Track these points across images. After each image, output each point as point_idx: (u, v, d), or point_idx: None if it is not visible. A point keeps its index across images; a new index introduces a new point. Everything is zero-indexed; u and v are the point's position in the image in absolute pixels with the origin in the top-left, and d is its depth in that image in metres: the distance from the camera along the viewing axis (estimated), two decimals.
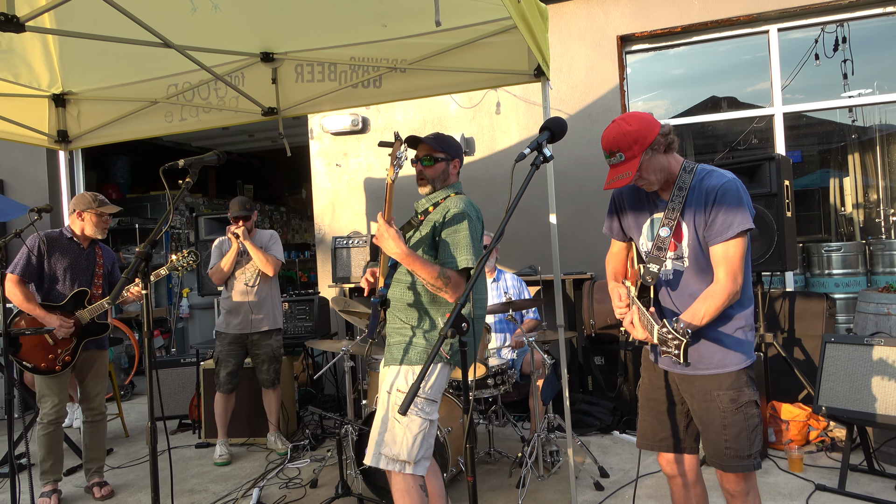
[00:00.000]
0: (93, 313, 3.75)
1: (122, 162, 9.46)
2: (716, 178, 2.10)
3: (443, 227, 2.54)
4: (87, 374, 3.91)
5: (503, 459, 4.12)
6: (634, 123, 2.08)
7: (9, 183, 7.58)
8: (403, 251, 2.41)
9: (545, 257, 5.07)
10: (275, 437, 4.68)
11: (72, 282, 3.77)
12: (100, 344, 3.93)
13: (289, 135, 4.61)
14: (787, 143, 5.46)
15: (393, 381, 2.52)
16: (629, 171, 2.05)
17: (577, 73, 5.73)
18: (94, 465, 3.95)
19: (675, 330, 1.87)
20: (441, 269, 2.46)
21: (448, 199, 2.64)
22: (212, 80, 4.09)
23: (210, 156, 2.36)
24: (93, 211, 3.76)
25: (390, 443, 2.46)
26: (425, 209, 2.67)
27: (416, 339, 2.54)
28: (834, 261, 5.32)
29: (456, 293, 2.47)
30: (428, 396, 2.49)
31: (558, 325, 3.48)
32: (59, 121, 4.40)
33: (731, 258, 2.04)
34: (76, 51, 3.78)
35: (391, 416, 2.48)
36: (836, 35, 5.46)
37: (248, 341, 4.57)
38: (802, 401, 4.32)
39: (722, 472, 2.18)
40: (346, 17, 3.46)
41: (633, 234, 2.35)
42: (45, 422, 3.71)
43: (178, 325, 8.28)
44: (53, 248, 3.74)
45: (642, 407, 2.41)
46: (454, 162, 2.71)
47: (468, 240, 2.50)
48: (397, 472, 2.45)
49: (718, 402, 2.13)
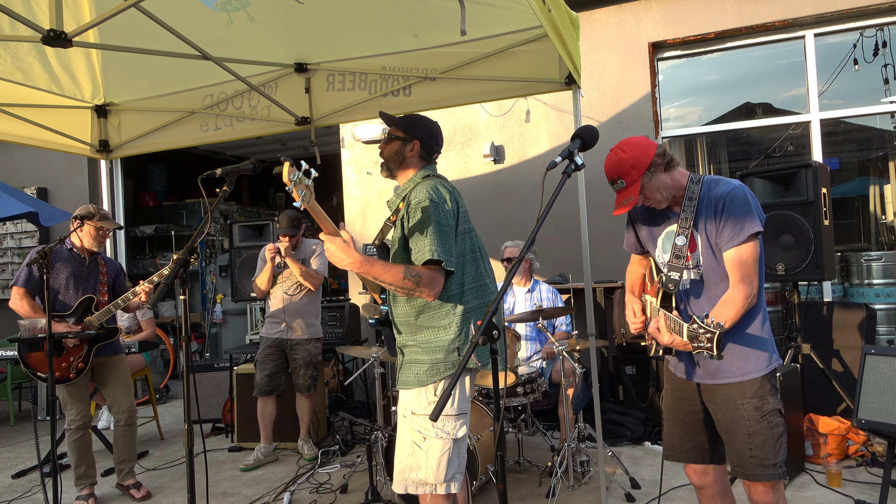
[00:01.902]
0: (101, 318, 3.78)
1: (159, 170, 9.71)
2: (723, 186, 2.16)
3: (408, 222, 2.28)
4: (107, 380, 3.94)
5: (533, 468, 4.10)
6: (629, 150, 2.16)
7: (52, 190, 7.84)
8: (356, 259, 2.16)
9: (576, 265, 5.05)
10: (304, 441, 4.73)
11: (75, 290, 3.79)
12: (114, 349, 3.96)
13: (321, 143, 4.68)
14: (824, 150, 5.35)
15: (406, 404, 2.34)
16: (632, 196, 2.14)
17: (609, 81, 5.70)
18: (126, 465, 4.01)
19: (705, 324, 1.87)
20: (405, 267, 2.19)
21: (414, 188, 2.35)
22: (246, 91, 4.18)
23: (246, 164, 2.41)
24: (91, 223, 3.78)
25: (415, 468, 2.29)
26: (396, 207, 2.41)
27: (420, 356, 2.33)
28: (874, 270, 5.17)
29: (432, 290, 2.22)
30: (447, 413, 2.28)
31: (589, 333, 3.46)
32: (101, 131, 4.54)
33: (745, 262, 2.07)
34: (118, 64, 3.91)
35: (410, 442, 2.31)
36: (876, 39, 5.33)
37: (286, 346, 4.66)
38: (841, 414, 4.21)
39: (749, 483, 2.18)
40: (378, 27, 3.51)
41: (648, 248, 2.39)
42: (72, 428, 3.79)
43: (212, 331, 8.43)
44: (54, 260, 3.75)
45: (667, 418, 2.42)
46: (413, 143, 2.41)
47: (432, 228, 2.21)
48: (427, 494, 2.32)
49: (742, 410, 2.14)
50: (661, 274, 2.26)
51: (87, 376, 3.83)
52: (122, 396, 3.95)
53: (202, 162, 9.63)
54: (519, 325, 4.39)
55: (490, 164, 6.08)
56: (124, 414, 3.94)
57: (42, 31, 2.51)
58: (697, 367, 2.25)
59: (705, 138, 6.03)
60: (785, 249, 4.11)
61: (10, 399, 6.34)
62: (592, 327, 3.44)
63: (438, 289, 2.25)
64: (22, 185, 7.65)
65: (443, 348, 2.29)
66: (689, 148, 6.08)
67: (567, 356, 3.81)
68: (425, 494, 2.31)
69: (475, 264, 2.39)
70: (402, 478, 2.32)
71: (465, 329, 2.31)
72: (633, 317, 2.38)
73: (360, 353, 4.17)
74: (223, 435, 5.44)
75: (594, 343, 3.45)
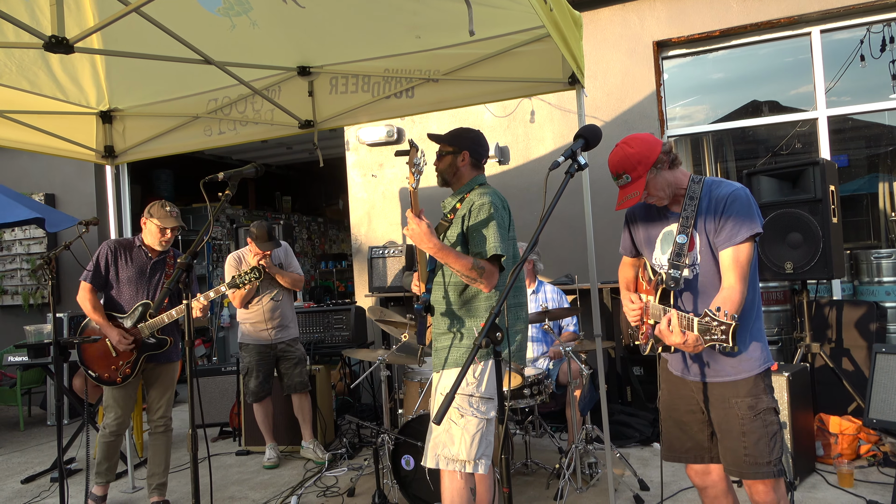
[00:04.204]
0: (151, 328, 3.67)
1: (165, 175, 9.75)
2: (726, 187, 2.19)
3: (470, 220, 2.57)
4: (151, 385, 3.83)
5: (540, 471, 4.07)
6: (636, 145, 2.18)
7: (59, 196, 7.88)
8: (436, 245, 2.43)
9: (582, 266, 5.02)
10: (312, 445, 4.71)
11: (136, 291, 3.72)
12: (167, 357, 3.82)
13: (325, 147, 4.68)
14: (832, 147, 5.31)
15: (446, 384, 2.54)
16: (637, 191, 2.16)
17: (613, 80, 5.68)
18: (155, 480, 3.81)
19: (718, 317, 1.85)
20: (474, 259, 2.48)
21: (472, 192, 2.66)
22: (250, 95, 4.19)
23: (248, 168, 2.42)
24: (153, 220, 3.68)
25: (448, 444, 2.49)
26: (453, 207, 2.70)
27: (461, 341, 2.58)
28: (884, 268, 5.12)
29: (490, 282, 2.50)
30: (483, 395, 2.50)
31: (595, 334, 3.43)
32: (106, 136, 4.55)
33: (740, 262, 2.09)
34: (122, 69, 3.92)
35: (448, 417, 2.48)
36: (884, 35, 5.29)
37: (275, 350, 4.66)
38: (852, 413, 4.16)
39: (749, 483, 2.18)
40: (380, 29, 3.51)
41: (644, 250, 2.42)
42: (106, 431, 3.73)
43: (220, 335, 8.45)
44: (120, 256, 3.71)
45: (664, 419, 2.44)
46: (462, 154, 2.70)
47: (495, 228, 2.52)
48: (452, 472, 2.49)
49: (736, 409, 2.16)
50: (660, 273, 2.27)
51: (135, 382, 3.75)
52: (161, 404, 3.82)
53: (208, 166, 9.65)
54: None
55: (495, 166, 6.06)
56: (159, 422, 3.81)
57: (44, 38, 2.51)
58: (694, 365, 2.26)
59: (712, 137, 6.00)
60: (793, 248, 4.07)
61: (20, 404, 6.37)
62: (599, 328, 3.42)
63: (496, 281, 2.53)
64: (30, 191, 7.70)
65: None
66: (696, 146, 6.04)
67: (574, 357, 3.79)
68: (451, 472, 2.49)
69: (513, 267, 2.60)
70: (435, 453, 2.51)
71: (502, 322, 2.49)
72: (630, 303, 2.38)
73: (367, 356, 4.16)
74: (231, 439, 5.45)
75: (601, 344, 3.42)
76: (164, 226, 3.69)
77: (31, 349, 5.93)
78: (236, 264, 4.64)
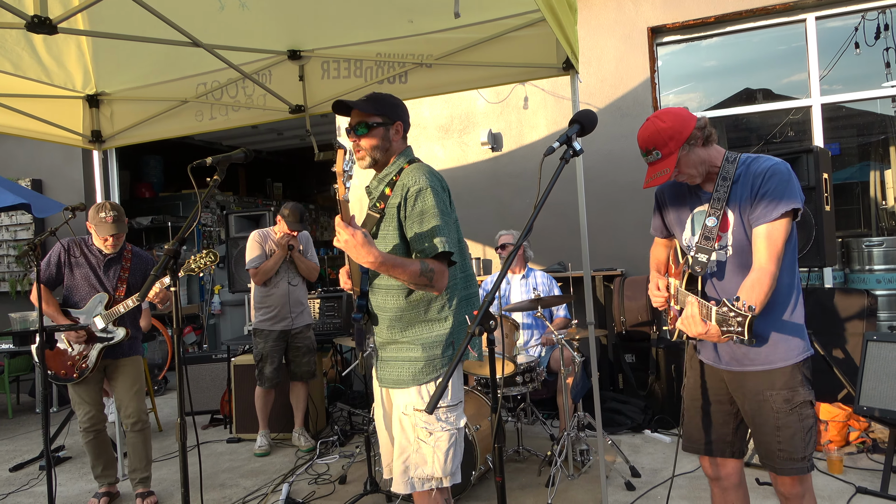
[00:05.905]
0: (107, 320, 3.61)
1: (154, 161, 9.65)
2: (764, 161, 2.05)
3: (406, 210, 2.16)
4: (115, 382, 3.74)
5: (532, 458, 4.08)
6: (669, 120, 2.04)
7: (47, 182, 7.78)
8: (377, 258, 2.01)
9: (575, 253, 5.00)
10: (299, 433, 4.72)
11: (91, 287, 3.66)
12: (126, 350, 3.72)
13: (317, 132, 4.62)
14: (825, 135, 5.30)
15: (405, 402, 2.24)
16: (667, 168, 2.01)
17: (607, 66, 5.64)
18: (137, 475, 3.76)
19: (735, 308, 1.77)
20: (421, 264, 2.09)
21: (403, 172, 2.23)
22: (240, 79, 4.12)
23: (237, 153, 2.37)
24: (91, 226, 3.61)
25: (420, 464, 2.21)
26: (381, 193, 2.26)
27: (413, 353, 2.22)
28: (875, 256, 5.14)
29: (441, 285, 2.14)
30: (450, 404, 2.23)
31: (588, 322, 3.42)
32: (93, 121, 4.48)
33: (774, 239, 1.95)
34: (108, 52, 3.84)
35: (414, 438, 2.22)
36: (878, 22, 5.27)
37: (288, 336, 4.66)
38: (842, 400, 4.19)
39: (776, 475, 2.09)
40: (372, 13, 3.45)
41: (675, 230, 2.28)
42: (82, 430, 3.69)
43: (210, 322, 8.40)
44: (73, 254, 3.65)
45: (687, 408, 2.29)
46: (395, 125, 2.27)
47: (438, 218, 2.12)
48: (426, 491, 2.24)
49: (771, 402, 2.03)
50: (687, 256, 2.16)
51: (97, 377, 3.68)
52: (129, 400, 3.70)
53: (198, 152, 9.54)
54: (516, 314, 4.36)
55: (488, 152, 6.02)
56: (130, 419, 3.70)
57: (26, 18, 2.45)
58: (726, 352, 2.13)
59: None
60: None
61: (8, 392, 6.32)
62: (591, 316, 3.41)
63: (446, 282, 2.18)
64: (16, 177, 7.59)
65: (440, 343, 2.22)
66: None
67: (566, 345, 3.78)
68: (430, 490, 2.23)
69: (462, 254, 2.30)
70: (407, 477, 2.23)
71: (460, 320, 2.25)
72: (655, 290, 2.26)
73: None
74: (221, 426, 5.43)
75: (593, 332, 3.41)
76: (99, 234, 3.60)
77: (17, 337, 5.88)
78: (261, 240, 4.61)
